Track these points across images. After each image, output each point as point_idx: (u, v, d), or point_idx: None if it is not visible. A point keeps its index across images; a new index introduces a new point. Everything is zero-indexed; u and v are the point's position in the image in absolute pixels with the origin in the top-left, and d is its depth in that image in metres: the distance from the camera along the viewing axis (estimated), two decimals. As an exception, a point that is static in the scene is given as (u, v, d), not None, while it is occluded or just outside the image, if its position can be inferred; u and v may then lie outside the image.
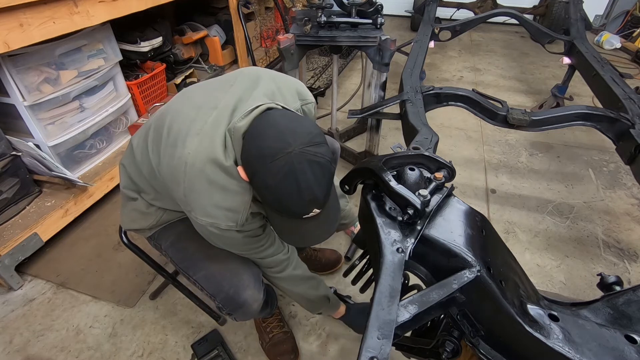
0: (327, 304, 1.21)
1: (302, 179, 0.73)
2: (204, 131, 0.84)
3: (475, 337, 0.65)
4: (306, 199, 0.76)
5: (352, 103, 2.88)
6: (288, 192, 0.75)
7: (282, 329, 1.37)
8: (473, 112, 1.61)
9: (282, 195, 0.75)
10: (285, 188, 0.74)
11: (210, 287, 1.04)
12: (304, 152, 0.74)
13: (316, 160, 0.75)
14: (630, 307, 0.63)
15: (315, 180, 0.75)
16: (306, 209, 0.78)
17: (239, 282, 1.02)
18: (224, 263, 1.04)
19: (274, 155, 0.73)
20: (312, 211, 0.79)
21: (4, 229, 1.61)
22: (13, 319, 1.50)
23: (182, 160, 0.83)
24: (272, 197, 0.77)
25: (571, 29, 2.46)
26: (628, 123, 1.45)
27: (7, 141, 1.60)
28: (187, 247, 1.09)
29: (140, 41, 2.22)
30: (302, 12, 1.97)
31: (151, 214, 1.08)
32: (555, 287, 1.61)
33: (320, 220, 0.83)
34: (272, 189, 0.76)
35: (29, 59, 1.59)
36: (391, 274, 0.61)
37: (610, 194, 2.11)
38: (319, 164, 0.76)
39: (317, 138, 0.78)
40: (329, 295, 1.21)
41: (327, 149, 0.79)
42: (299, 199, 0.75)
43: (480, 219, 0.72)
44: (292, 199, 0.76)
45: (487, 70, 3.65)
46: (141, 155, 0.98)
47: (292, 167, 0.73)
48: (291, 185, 0.74)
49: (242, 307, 1.03)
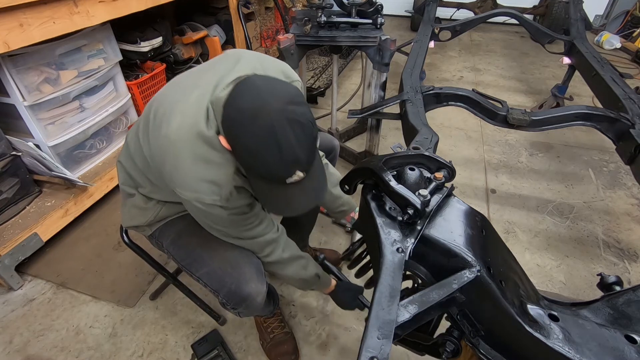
0: (317, 281, 1.20)
1: (282, 138, 0.72)
2: (187, 108, 0.86)
3: (475, 337, 0.65)
4: (288, 160, 0.74)
5: (352, 103, 2.88)
6: (269, 153, 0.74)
7: (283, 329, 1.37)
8: (473, 112, 1.61)
9: (264, 156, 0.74)
10: (265, 148, 0.73)
11: (213, 283, 1.04)
12: (283, 110, 0.73)
13: (296, 119, 0.74)
14: (630, 307, 0.63)
15: (297, 139, 0.74)
16: (289, 171, 0.76)
17: (240, 276, 1.02)
18: (225, 258, 1.05)
19: (252, 115, 0.73)
20: (295, 174, 0.77)
21: (4, 229, 1.61)
22: (13, 319, 1.50)
23: (167, 137, 0.85)
24: (254, 161, 0.76)
25: (571, 29, 2.46)
26: (628, 123, 1.45)
27: (7, 141, 1.60)
28: (188, 244, 1.10)
29: (140, 41, 2.21)
30: (302, 12, 1.97)
31: (149, 209, 1.09)
32: (555, 287, 1.61)
33: (305, 186, 0.82)
34: (253, 151, 0.75)
35: (29, 59, 1.59)
36: (391, 273, 0.61)
37: (610, 194, 2.11)
38: (300, 123, 0.75)
39: (297, 98, 0.77)
40: (319, 273, 1.20)
41: (307, 110, 0.78)
42: (280, 159, 0.74)
43: (480, 219, 0.72)
44: (274, 160, 0.74)
45: (487, 70, 3.65)
46: (134, 147, 0.99)
47: (271, 126, 0.72)
48: (272, 145, 0.73)
49: (246, 301, 1.03)
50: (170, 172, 0.86)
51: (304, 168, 0.78)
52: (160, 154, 0.87)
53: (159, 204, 1.09)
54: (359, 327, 1.46)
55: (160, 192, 1.04)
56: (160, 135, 0.86)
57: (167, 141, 0.85)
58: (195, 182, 0.85)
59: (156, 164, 0.91)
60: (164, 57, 2.50)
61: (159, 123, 0.88)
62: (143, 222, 1.12)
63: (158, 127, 0.88)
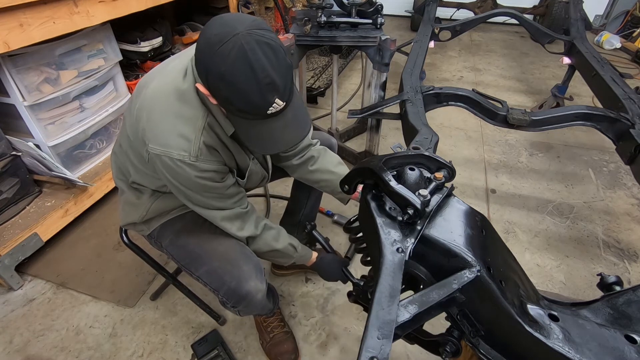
0: (295, 252, 1.20)
1: (253, 59, 0.73)
2: (166, 72, 0.92)
3: (475, 337, 0.65)
4: (263, 83, 0.74)
5: (352, 103, 2.88)
6: (243, 77, 0.74)
7: (282, 329, 1.37)
8: (473, 112, 1.61)
9: (238, 82, 0.74)
10: (238, 73, 0.73)
11: (212, 282, 1.04)
12: (250, 33, 0.73)
13: (265, 41, 0.74)
14: (630, 307, 0.63)
15: (268, 61, 0.74)
16: (266, 98, 0.76)
17: (240, 274, 1.02)
18: (224, 257, 1.05)
19: (221, 41, 0.73)
20: (274, 101, 0.77)
21: (4, 229, 1.61)
22: (13, 319, 1.50)
23: (144, 98, 0.90)
24: (230, 91, 0.76)
25: (571, 29, 2.46)
26: (628, 123, 1.45)
27: (7, 141, 1.60)
28: (187, 244, 1.10)
29: (140, 41, 2.21)
30: (302, 12, 1.97)
31: (140, 204, 1.10)
32: (555, 287, 1.61)
33: (287, 119, 0.82)
34: (227, 79, 0.74)
35: (29, 59, 1.59)
36: (391, 273, 0.61)
37: (610, 194, 2.11)
38: (269, 46, 0.75)
39: (263, 25, 0.78)
40: (294, 244, 1.20)
41: (276, 37, 0.78)
42: (255, 83, 0.74)
43: (480, 219, 0.72)
44: (249, 86, 0.74)
45: (487, 70, 3.65)
46: (120, 132, 1.04)
47: (241, 48, 0.72)
48: (244, 68, 0.73)
49: (246, 299, 1.03)
50: (144, 129, 0.89)
51: (282, 95, 0.78)
52: (137, 115, 0.90)
53: (149, 200, 1.09)
54: (359, 327, 1.46)
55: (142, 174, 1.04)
56: (139, 100, 0.91)
57: (144, 101, 0.90)
58: (164, 135, 0.87)
59: (134, 129, 0.93)
60: (164, 57, 2.50)
61: (138, 93, 0.93)
62: (137, 219, 1.12)
63: (137, 96, 0.93)
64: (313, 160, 1.24)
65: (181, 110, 0.88)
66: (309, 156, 1.24)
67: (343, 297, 1.56)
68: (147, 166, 0.98)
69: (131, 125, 0.94)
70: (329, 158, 1.26)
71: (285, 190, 2.05)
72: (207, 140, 0.90)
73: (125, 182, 1.11)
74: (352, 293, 0.93)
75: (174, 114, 0.88)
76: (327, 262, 1.29)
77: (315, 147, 1.26)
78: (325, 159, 1.25)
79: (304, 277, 1.65)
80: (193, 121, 0.88)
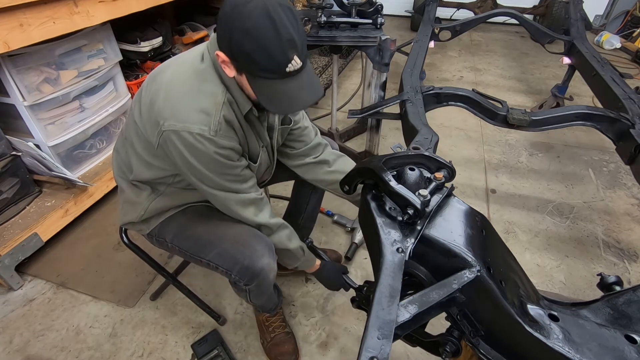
0: (302, 256, 1.21)
1: (276, 17, 0.78)
2: (181, 60, 0.97)
3: (475, 337, 0.65)
4: (284, 38, 0.79)
5: (352, 103, 2.88)
6: (267, 33, 0.78)
7: (284, 329, 1.38)
8: (473, 112, 1.61)
9: (262, 37, 0.78)
10: (263, 28, 0.78)
11: (224, 263, 1.05)
12: None
13: (285, 4, 0.80)
14: (630, 307, 0.63)
15: (289, 21, 0.79)
16: (287, 53, 0.80)
17: (253, 252, 1.03)
18: (235, 238, 1.06)
19: (246, 1, 0.78)
20: (293, 57, 0.81)
21: (4, 229, 1.61)
22: (13, 319, 1.50)
23: (161, 82, 0.93)
24: (254, 45, 0.79)
25: (571, 29, 2.46)
26: (628, 123, 1.45)
27: (7, 141, 1.60)
28: (194, 234, 1.11)
29: (140, 41, 2.21)
30: (302, 12, 1.97)
31: (139, 203, 1.10)
32: (555, 287, 1.61)
33: (303, 80, 0.87)
34: (252, 32, 0.78)
35: (29, 59, 1.59)
36: (391, 273, 0.61)
37: (610, 194, 2.11)
38: (290, 9, 0.81)
39: None
40: (304, 248, 1.21)
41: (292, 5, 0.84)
42: (277, 39, 0.78)
43: (480, 219, 0.72)
44: (272, 41, 0.78)
45: (487, 70, 3.65)
46: (125, 125, 1.06)
47: (264, 7, 0.78)
48: (268, 23, 0.78)
49: (259, 276, 1.04)
50: (160, 109, 0.90)
51: (300, 54, 0.83)
52: (152, 98, 0.92)
53: (148, 199, 1.10)
54: (359, 327, 1.46)
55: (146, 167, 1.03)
56: (154, 84, 0.93)
57: (161, 84, 0.92)
58: (185, 110, 0.89)
59: (147, 114, 0.94)
60: (164, 57, 2.50)
61: (153, 78, 0.95)
62: (135, 218, 1.12)
63: (152, 81, 0.95)
64: (331, 162, 1.26)
65: (201, 87, 0.91)
66: (325, 158, 1.26)
67: (343, 297, 1.56)
68: (156, 153, 0.97)
69: (143, 111, 0.95)
70: (346, 162, 1.29)
71: (285, 190, 2.05)
72: (226, 115, 0.92)
73: (126, 179, 1.11)
74: (355, 299, 0.93)
75: (194, 90, 0.91)
76: (328, 270, 1.30)
77: (330, 150, 1.29)
78: (343, 162, 1.28)
79: (304, 277, 1.66)
80: (213, 96, 0.91)
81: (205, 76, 0.92)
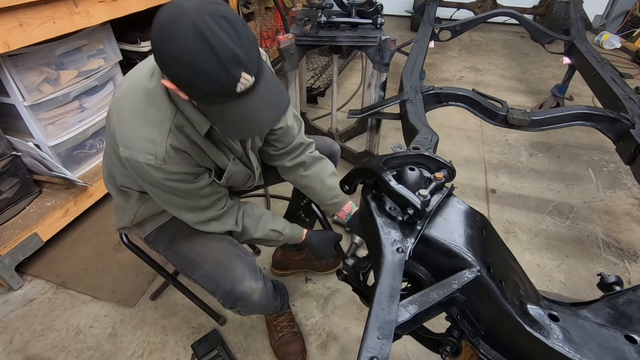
0: (281, 236, 1.16)
1: (209, 34, 0.65)
2: (136, 72, 0.91)
3: (475, 337, 0.65)
4: (224, 57, 0.66)
5: (352, 103, 2.88)
6: (202, 56, 0.66)
7: (292, 329, 1.37)
8: (473, 112, 1.61)
9: (198, 62, 0.66)
10: (196, 52, 0.66)
11: (208, 285, 1.05)
12: (202, 8, 0.67)
13: (220, 14, 0.67)
14: (630, 307, 0.63)
15: (226, 34, 0.67)
16: (231, 71, 0.68)
17: (233, 275, 1.02)
18: (216, 260, 1.05)
19: (171, 22, 0.67)
20: (240, 75, 0.69)
21: (4, 229, 1.61)
22: (13, 319, 1.50)
23: (116, 98, 0.90)
24: (191, 73, 0.68)
25: (571, 29, 2.47)
26: (628, 123, 1.45)
27: (7, 141, 1.60)
28: (180, 249, 1.10)
29: (140, 41, 2.21)
30: (302, 12, 1.97)
31: (129, 208, 1.10)
32: (555, 287, 1.61)
33: (261, 97, 0.75)
34: (185, 60, 0.67)
35: (29, 59, 1.59)
36: (391, 273, 0.61)
37: (610, 194, 2.11)
38: (225, 18, 0.67)
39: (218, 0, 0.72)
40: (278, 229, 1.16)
41: (231, 9, 0.71)
42: (215, 59, 0.66)
43: (480, 218, 0.72)
44: (210, 62, 0.67)
45: (487, 70, 3.65)
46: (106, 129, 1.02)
47: (193, 25, 0.65)
48: (201, 45, 0.66)
49: (241, 300, 1.02)
50: (114, 130, 0.88)
51: (249, 69, 0.70)
52: (109, 116, 0.92)
53: (137, 203, 1.09)
54: (359, 327, 1.46)
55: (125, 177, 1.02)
56: (114, 96, 0.92)
57: (115, 101, 0.90)
58: (132, 137, 0.85)
59: (108, 130, 0.93)
60: (164, 57, 2.50)
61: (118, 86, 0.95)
62: (127, 223, 1.12)
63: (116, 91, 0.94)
64: (306, 166, 1.21)
65: (148, 112, 0.84)
66: (302, 161, 1.20)
67: (343, 297, 1.56)
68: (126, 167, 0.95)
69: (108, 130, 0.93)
70: (323, 167, 1.22)
71: (285, 191, 2.05)
72: (174, 143, 0.86)
73: (114, 185, 1.09)
74: (341, 271, 0.88)
75: (140, 116, 0.85)
76: (317, 238, 1.24)
77: (310, 153, 1.22)
78: (319, 167, 1.22)
79: (304, 277, 1.66)
80: (159, 124, 0.85)
81: (151, 99, 0.85)
